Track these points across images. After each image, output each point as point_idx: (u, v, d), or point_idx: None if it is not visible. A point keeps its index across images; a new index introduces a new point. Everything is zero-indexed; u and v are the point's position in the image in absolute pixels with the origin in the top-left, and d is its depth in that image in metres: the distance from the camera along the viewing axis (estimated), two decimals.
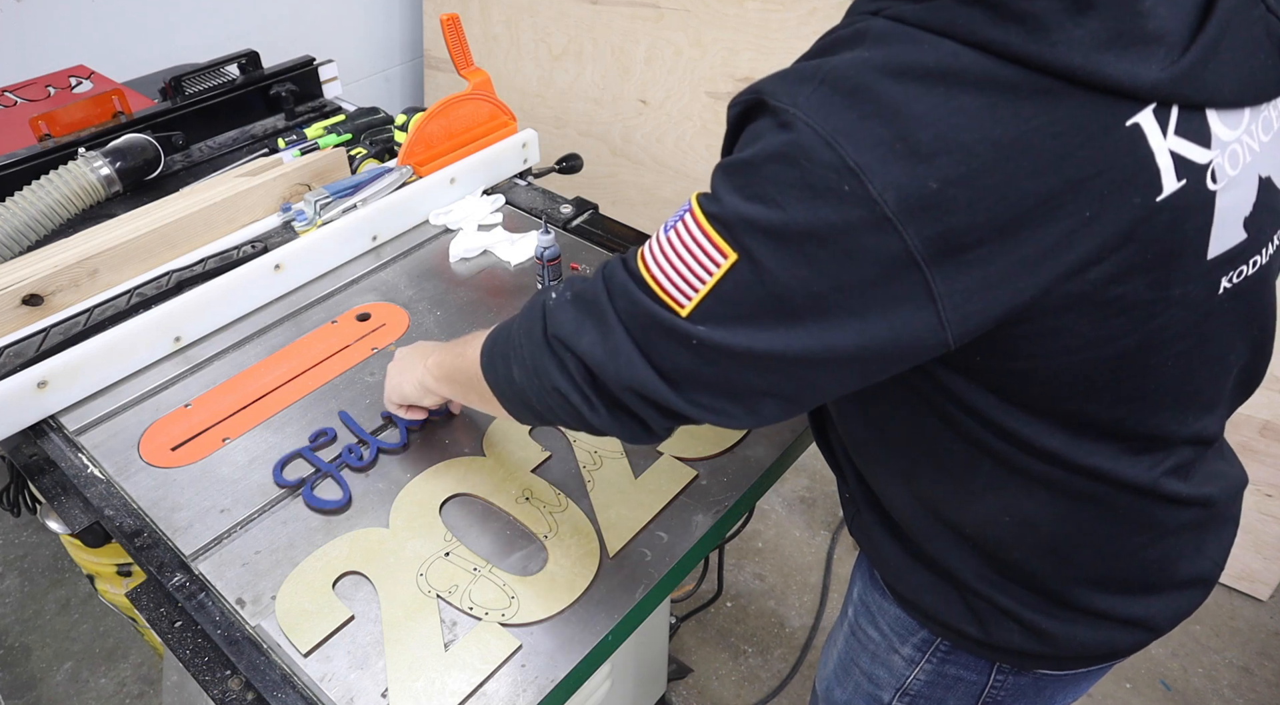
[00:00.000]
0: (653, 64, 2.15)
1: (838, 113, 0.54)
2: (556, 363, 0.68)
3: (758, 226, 0.57)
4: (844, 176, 0.53)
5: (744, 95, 0.61)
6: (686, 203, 0.62)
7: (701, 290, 0.60)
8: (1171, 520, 0.75)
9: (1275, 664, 1.91)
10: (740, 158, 0.58)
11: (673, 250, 0.61)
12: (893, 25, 0.57)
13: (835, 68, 0.56)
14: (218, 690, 0.82)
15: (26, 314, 1.14)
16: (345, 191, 1.34)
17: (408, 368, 0.99)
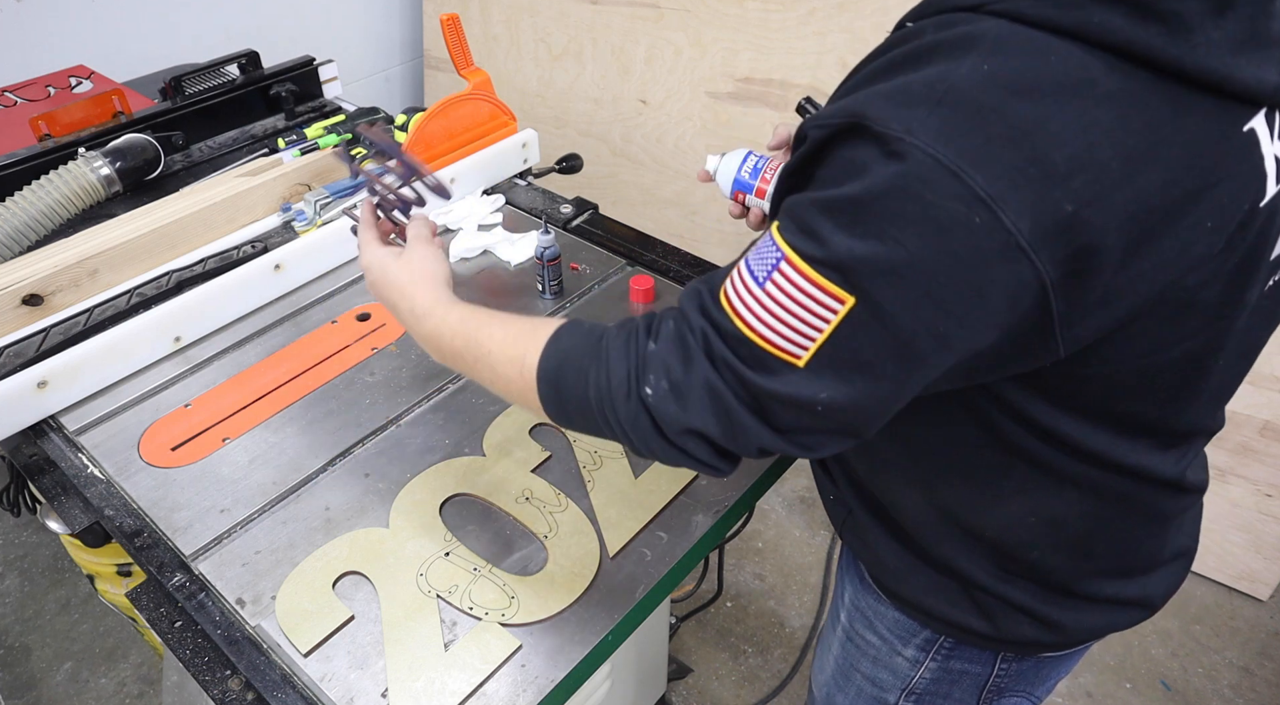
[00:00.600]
0: (653, 64, 2.15)
1: (962, 138, 0.50)
2: (678, 450, 0.64)
3: (878, 268, 0.52)
4: (974, 208, 0.49)
5: (833, 117, 0.55)
6: (773, 246, 0.57)
7: (819, 339, 0.56)
8: (1177, 508, 0.76)
9: (1275, 664, 1.91)
10: (845, 194, 0.53)
11: (777, 303, 0.56)
12: (1011, 28, 0.52)
13: (953, 86, 0.51)
14: (218, 690, 0.82)
15: (26, 314, 1.14)
16: (345, 191, 1.34)
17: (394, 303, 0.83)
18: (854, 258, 0.53)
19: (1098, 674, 1.88)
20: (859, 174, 0.52)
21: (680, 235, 2.29)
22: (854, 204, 0.52)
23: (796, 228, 0.56)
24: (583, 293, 1.28)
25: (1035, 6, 0.51)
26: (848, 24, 1.81)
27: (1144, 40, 0.50)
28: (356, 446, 1.04)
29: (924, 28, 0.56)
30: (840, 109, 0.55)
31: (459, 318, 0.77)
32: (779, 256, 0.56)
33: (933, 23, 0.56)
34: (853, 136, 0.54)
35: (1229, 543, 1.98)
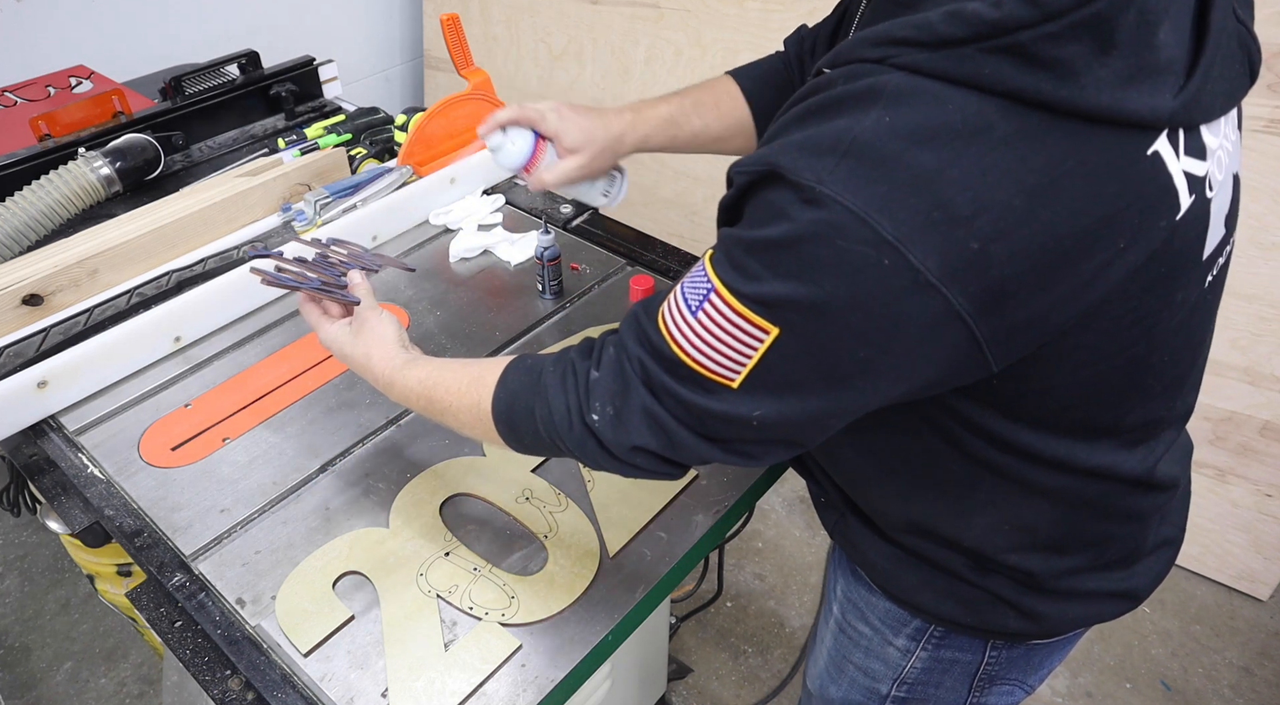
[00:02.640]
0: (653, 64, 2.15)
1: (868, 186, 0.53)
2: (628, 465, 0.70)
3: (798, 305, 0.56)
4: (882, 251, 0.52)
5: (753, 165, 0.58)
6: (705, 278, 0.61)
7: (748, 365, 0.60)
8: (1151, 504, 0.78)
9: (1275, 664, 1.91)
10: (767, 236, 0.57)
11: (708, 332, 0.60)
12: (909, 79, 0.54)
13: (858, 138, 0.53)
14: (218, 690, 0.82)
15: (26, 314, 1.14)
16: (345, 191, 1.34)
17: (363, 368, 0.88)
18: (776, 296, 0.56)
19: (1098, 674, 1.88)
20: (778, 218, 0.56)
21: (680, 235, 2.29)
22: (775, 246, 0.56)
23: (728, 262, 0.59)
24: (583, 293, 1.28)
25: (931, 60, 0.54)
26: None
27: (1034, 86, 0.52)
28: (356, 446, 1.04)
29: (835, 78, 0.58)
30: (759, 157, 0.58)
31: (417, 380, 0.83)
32: (709, 288, 0.60)
33: (843, 73, 0.58)
34: (771, 183, 0.57)
35: (1229, 543, 1.98)
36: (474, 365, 0.80)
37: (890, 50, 0.56)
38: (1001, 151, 0.52)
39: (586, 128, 0.98)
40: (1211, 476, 1.91)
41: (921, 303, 0.54)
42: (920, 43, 0.54)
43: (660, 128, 1.01)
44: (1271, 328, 1.73)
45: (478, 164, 1.44)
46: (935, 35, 0.54)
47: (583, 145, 0.98)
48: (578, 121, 0.98)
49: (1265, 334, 1.74)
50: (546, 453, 0.77)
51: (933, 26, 0.54)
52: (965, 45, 0.53)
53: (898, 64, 0.55)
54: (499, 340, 1.19)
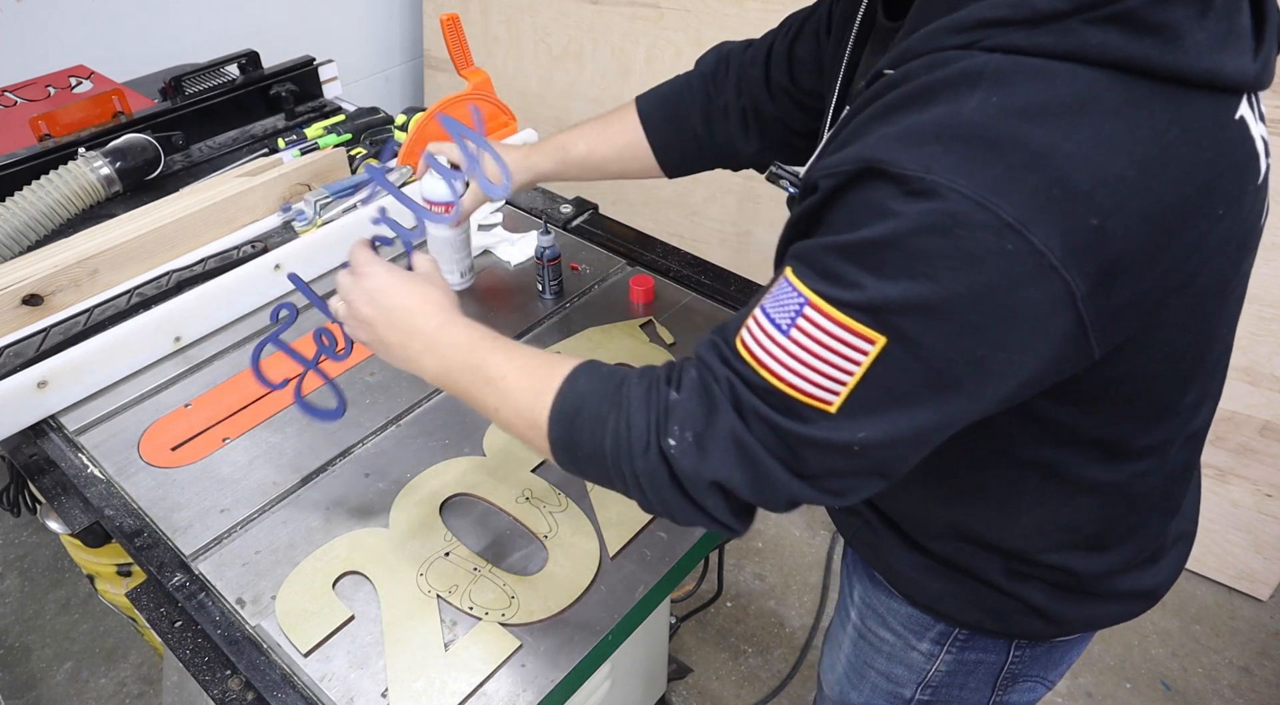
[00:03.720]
0: (653, 64, 2.15)
1: (983, 169, 0.50)
2: (696, 506, 0.64)
3: (909, 306, 0.53)
4: (1004, 235, 0.50)
5: (844, 165, 0.55)
6: (794, 292, 0.57)
7: (850, 382, 0.56)
8: (1183, 490, 0.79)
9: (1275, 664, 1.91)
10: (868, 236, 0.53)
11: (803, 350, 0.56)
12: (1011, 60, 0.52)
13: (966, 121, 0.51)
14: (218, 690, 0.82)
15: (26, 314, 1.14)
16: (345, 191, 1.34)
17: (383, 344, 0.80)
18: (886, 298, 0.53)
19: (1098, 674, 1.88)
20: (879, 216, 0.53)
21: (680, 235, 2.29)
22: (880, 245, 0.53)
23: (817, 273, 0.56)
24: (583, 293, 1.28)
25: (1030, 37, 0.52)
26: None
27: (1141, 53, 0.51)
28: (356, 446, 1.04)
29: (913, 70, 0.56)
30: (850, 156, 0.55)
31: (468, 339, 0.75)
32: (801, 302, 0.56)
33: (922, 64, 0.56)
34: (867, 180, 0.54)
35: (1229, 543, 1.98)
36: (543, 353, 0.74)
37: (979, 34, 0.54)
38: (1113, 122, 0.51)
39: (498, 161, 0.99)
40: (1211, 476, 1.91)
41: (1042, 288, 0.52)
42: (1016, 21, 0.52)
43: (547, 156, 1.05)
44: (1271, 328, 1.73)
45: None
46: (1034, 11, 0.52)
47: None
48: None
49: (1265, 334, 1.74)
50: (597, 474, 0.69)
51: (1030, 3, 0.52)
52: (1068, 18, 0.51)
53: (991, 46, 0.53)
54: None
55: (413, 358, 0.78)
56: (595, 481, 0.69)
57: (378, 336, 0.80)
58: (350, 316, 0.82)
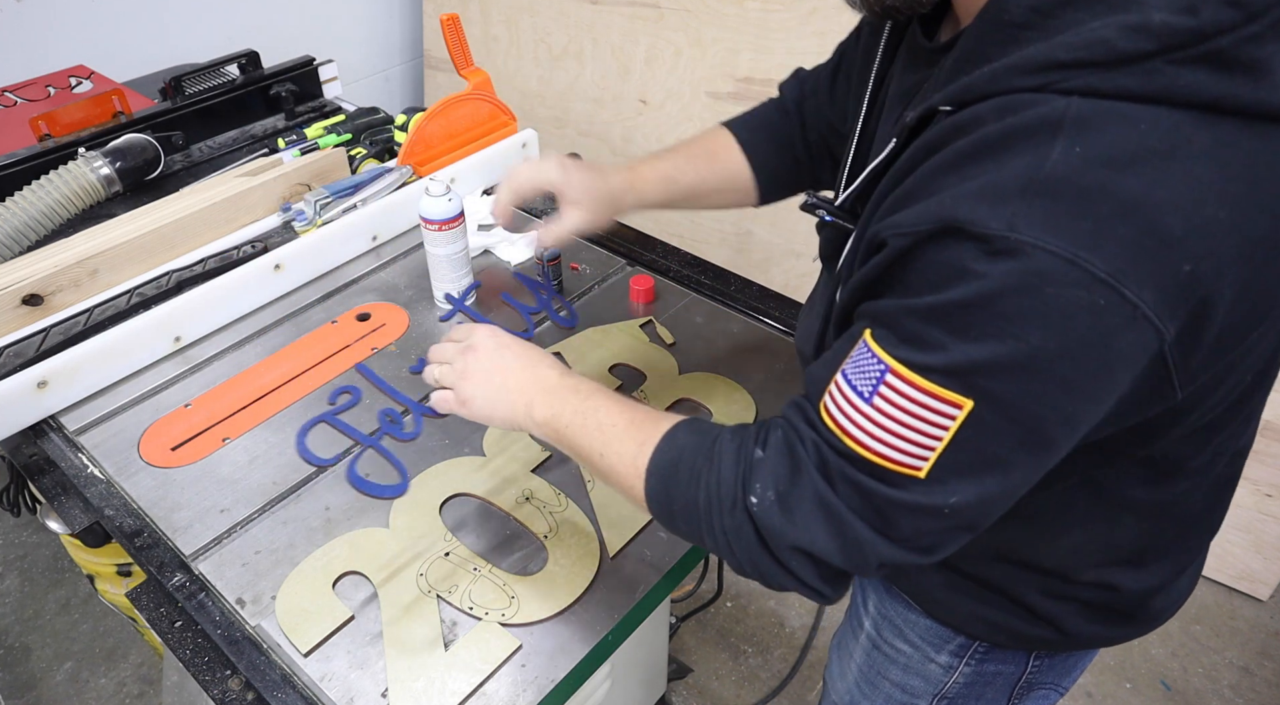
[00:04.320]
0: (653, 64, 2.15)
1: (1072, 224, 0.49)
2: (783, 568, 0.62)
3: (997, 368, 0.51)
4: (1096, 291, 0.49)
5: (918, 224, 0.53)
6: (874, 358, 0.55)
7: (938, 448, 0.54)
8: (1226, 508, 0.78)
9: (1275, 664, 1.91)
10: (951, 299, 0.52)
11: (888, 418, 0.55)
12: (1091, 105, 0.50)
13: (1050, 175, 0.49)
14: (218, 690, 0.82)
15: (26, 314, 1.14)
16: (345, 191, 1.34)
17: (499, 389, 0.80)
18: (972, 362, 0.52)
19: (1098, 674, 1.88)
20: (960, 278, 0.51)
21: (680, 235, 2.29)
22: (964, 308, 0.51)
23: (897, 338, 0.55)
24: (583, 293, 1.28)
25: (1110, 79, 0.50)
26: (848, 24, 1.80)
27: (1231, 92, 0.49)
28: (357, 446, 1.04)
29: (982, 115, 0.54)
30: (925, 214, 0.53)
31: (582, 393, 0.76)
32: (883, 369, 0.55)
33: (991, 108, 0.53)
34: (946, 239, 0.52)
35: (1229, 543, 1.98)
36: (650, 409, 0.74)
37: (1054, 76, 0.51)
38: (1203, 164, 0.50)
39: (586, 183, 0.95)
40: None
41: (1133, 338, 0.50)
42: (1094, 63, 0.50)
43: (657, 185, 0.99)
44: None
45: (478, 164, 1.44)
46: (1114, 53, 0.50)
47: (582, 198, 0.95)
48: (579, 176, 0.95)
49: None
50: (690, 531, 0.67)
51: (1110, 44, 0.50)
52: (1152, 59, 0.49)
53: (1067, 89, 0.51)
54: None
55: (526, 400, 0.78)
56: (691, 540, 0.68)
57: (495, 385, 0.80)
58: (465, 372, 0.81)
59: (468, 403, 0.81)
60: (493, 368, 0.81)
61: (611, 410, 0.73)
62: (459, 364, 0.82)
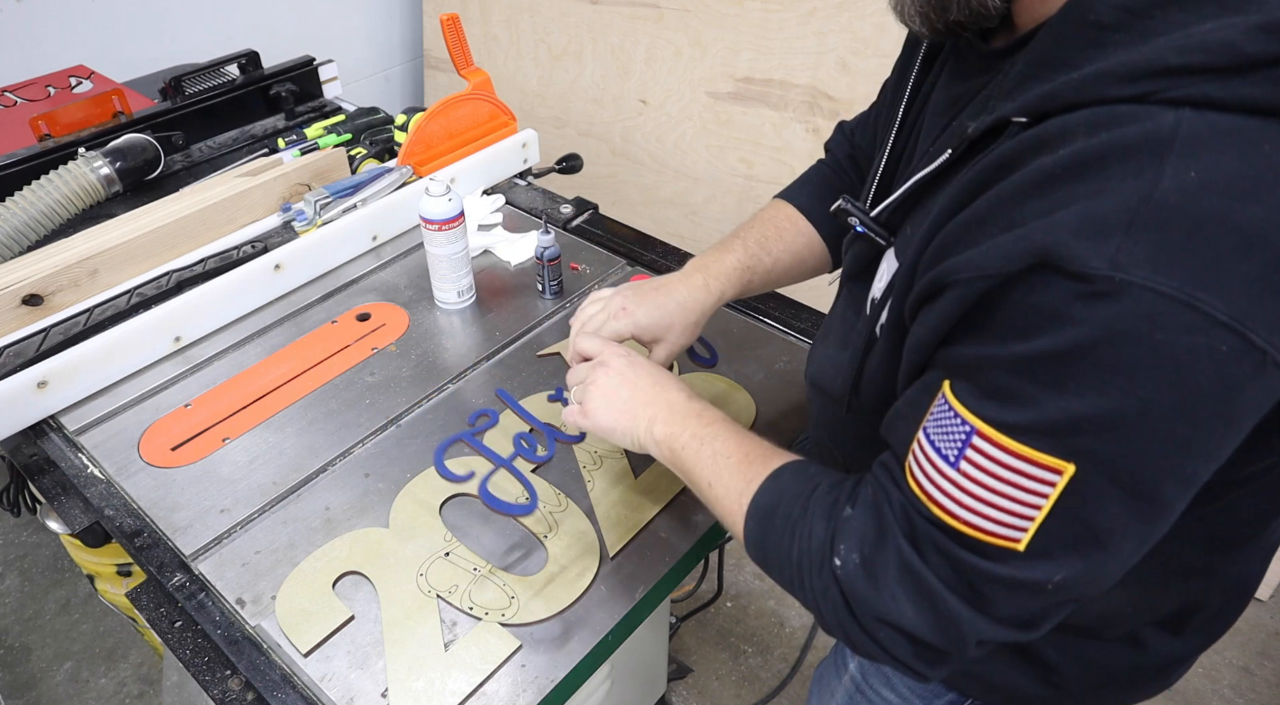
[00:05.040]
0: (653, 64, 2.15)
1: (1187, 261, 0.42)
2: (871, 639, 0.57)
3: (1103, 426, 0.45)
4: (1217, 336, 0.43)
5: (1008, 263, 0.46)
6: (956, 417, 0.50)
7: (1037, 517, 0.48)
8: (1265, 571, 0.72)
9: (1275, 664, 1.91)
10: (1043, 348, 0.46)
11: (979, 485, 0.49)
12: (1202, 119, 0.44)
13: (1160, 203, 0.43)
14: (218, 690, 0.82)
15: (26, 314, 1.14)
16: (345, 191, 1.34)
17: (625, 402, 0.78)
18: (1071, 420, 0.46)
19: None
20: (1054, 323, 0.45)
21: (680, 235, 2.29)
22: (1058, 359, 0.45)
23: (984, 393, 0.49)
24: (583, 293, 1.28)
25: (1230, 88, 0.43)
26: (848, 24, 1.81)
27: None
28: (356, 446, 1.04)
29: (1070, 129, 0.47)
30: (1009, 251, 0.46)
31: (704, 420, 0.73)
32: (968, 430, 0.49)
33: (1081, 121, 0.46)
34: (1035, 280, 0.46)
35: None
36: (768, 444, 0.70)
37: (1159, 83, 0.45)
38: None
39: (658, 317, 0.88)
40: None
41: (1262, 386, 0.44)
42: (1212, 69, 0.44)
43: (734, 281, 0.91)
44: None
45: (478, 164, 1.44)
46: (1239, 56, 0.43)
47: (664, 334, 0.88)
48: (648, 313, 0.87)
49: None
50: (783, 581, 0.63)
51: (1234, 46, 0.43)
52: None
53: (1176, 98, 0.44)
54: (499, 340, 1.19)
55: (649, 415, 0.76)
56: (783, 586, 0.64)
57: (622, 399, 0.78)
58: (594, 383, 0.79)
59: (591, 414, 0.79)
60: (621, 382, 0.79)
61: (729, 441, 0.70)
62: (589, 377, 0.80)
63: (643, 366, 0.80)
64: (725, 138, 2.07)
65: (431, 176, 1.32)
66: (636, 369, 0.80)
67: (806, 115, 1.93)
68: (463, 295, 1.23)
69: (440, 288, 1.22)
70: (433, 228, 1.15)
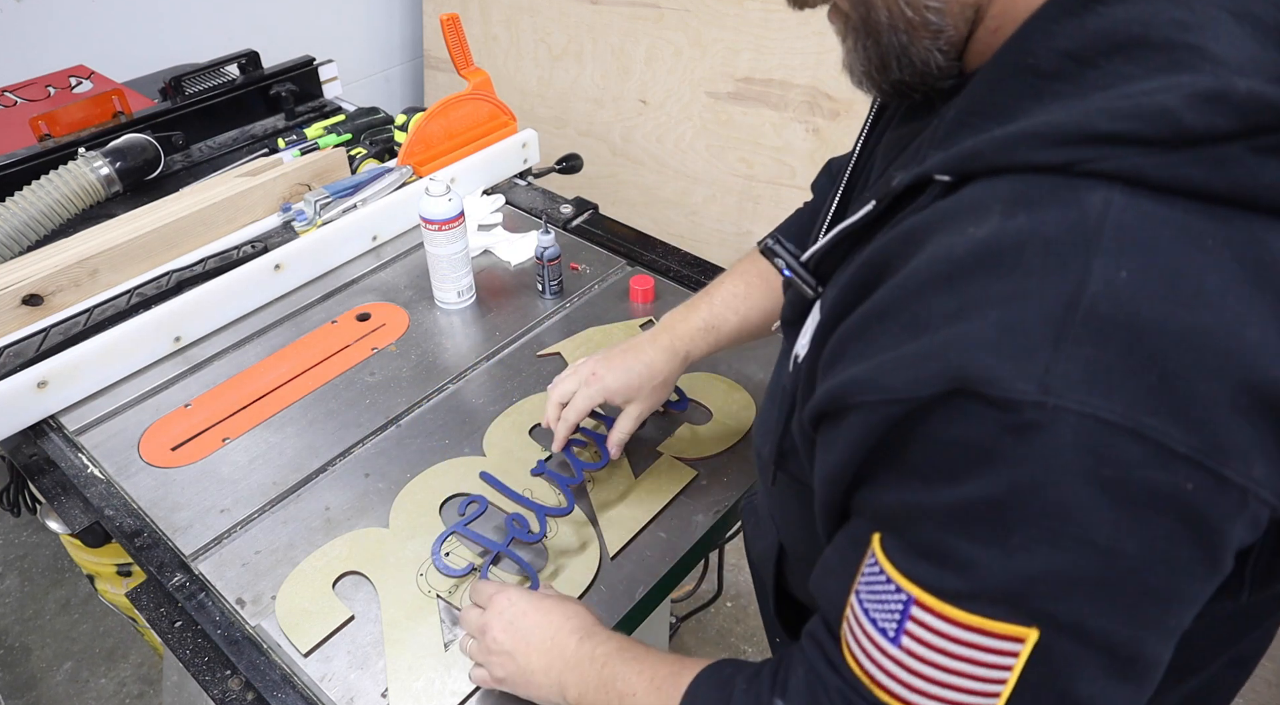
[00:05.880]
0: (653, 64, 2.15)
1: (1127, 381, 0.36)
2: None
3: (1061, 582, 0.38)
4: (1179, 471, 0.36)
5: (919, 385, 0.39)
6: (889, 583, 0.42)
7: (1003, 693, 0.41)
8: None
9: (1275, 664, 1.91)
10: (974, 496, 0.39)
11: (926, 664, 0.42)
12: (1134, 204, 0.37)
13: (1090, 310, 0.36)
14: (218, 690, 0.82)
15: (26, 314, 1.14)
16: (345, 191, 1.34)
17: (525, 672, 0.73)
18: (1022, 581, 0.39)
19: None
20: (985, 462, 0.38)
21: (680, 235, 2.29)
22: (995, 507, 0.38)
23: (914, 552, 0.42)
24: (583, 293, 1.28)
25: (1168, 165, 0.37)
26: None
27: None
28: (356, 446, 1.04)
29: (983, 203, 0.40)
30: (921, 370, 0.39)
31: (603, 653, 0.68)
32: (905, 600, 0.42)
33: (1001, 196, 0.40)
34: (953, 408, 0.38)
35: None
36: (673, 660, 0.64)
37: (1087, 152, 0.38)
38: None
39: (627, 381, 0.89)
40: None
41: (1247, 521, 0.38)
42: (1146, 139, 0.37)
43: (699, 341, 0.91)
44: None
45: (478, 164, 1.44)
46: (1177, 128, 0.37)
47: (633, 396, 0.90)
48: (617, 378, 0.89)
49: None
50: None
51: (1172, 116, 0.37)
52: (1229, 143, 0.36)
53: (1106, 172, 0.38)
54: (499, 340, 1.19)
55: (555, 680, 0.70)
56: None
57: (520, 666, 0.73)
58: (488, 651, 0.75)
59: (504, 682, 0.75)
60: (514, 647, 0.73)
61: (630, 676, 0.64)
62: (481, 642, 0.76)
63: (527, 615, 0.74)
64: (725, 138, 2.07)
65: (431, 176, 1.32)
66: (523, 621, 0.74)
67: (806, 115, 1.93)
68: (463, 295, 1.23)
69: (440, 288, 1.22)
70: (433, 228, 1.15)
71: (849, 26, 0.51)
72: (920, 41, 0.48)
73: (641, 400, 0.91)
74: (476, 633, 0.77)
